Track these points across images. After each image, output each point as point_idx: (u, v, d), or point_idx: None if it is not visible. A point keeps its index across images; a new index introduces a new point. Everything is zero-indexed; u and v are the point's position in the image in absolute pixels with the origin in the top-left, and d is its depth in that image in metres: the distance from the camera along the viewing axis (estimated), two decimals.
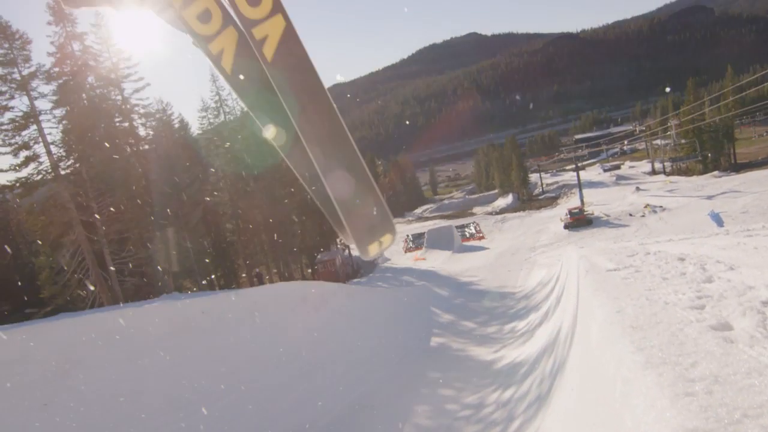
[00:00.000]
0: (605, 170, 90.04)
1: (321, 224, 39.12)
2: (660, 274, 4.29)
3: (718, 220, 29.53)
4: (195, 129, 34.40)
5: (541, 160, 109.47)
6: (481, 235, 49.18)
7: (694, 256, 5.57)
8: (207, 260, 28.51)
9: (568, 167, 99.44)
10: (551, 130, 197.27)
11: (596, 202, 52.37)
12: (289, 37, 2.01)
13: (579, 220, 41.31)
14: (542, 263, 26.89)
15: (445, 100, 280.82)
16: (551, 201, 72.66)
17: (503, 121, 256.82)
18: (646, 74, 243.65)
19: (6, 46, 19.67)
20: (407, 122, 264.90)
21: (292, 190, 35.77)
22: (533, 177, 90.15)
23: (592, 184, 69.51)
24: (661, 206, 40.90)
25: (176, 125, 31.27)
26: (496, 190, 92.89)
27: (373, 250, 2.20)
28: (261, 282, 33.69)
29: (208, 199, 30.05)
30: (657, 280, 3.97)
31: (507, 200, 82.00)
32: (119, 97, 24.55)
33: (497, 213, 70.64)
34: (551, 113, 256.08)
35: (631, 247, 10.09)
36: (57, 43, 21.71)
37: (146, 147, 26.19)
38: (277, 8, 2.00)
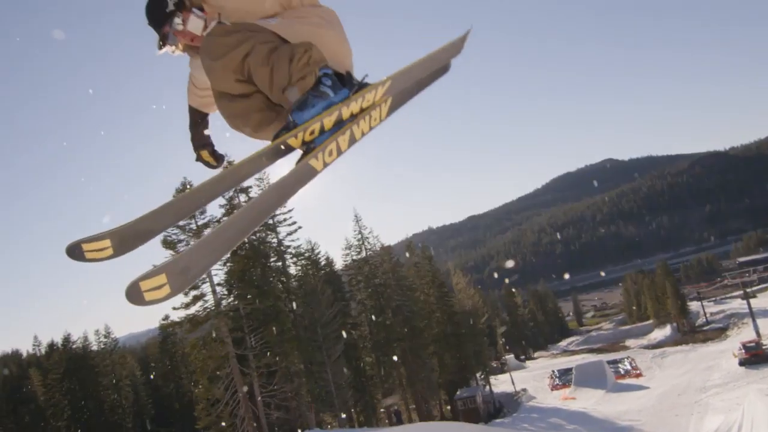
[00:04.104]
0: None
1: (460, 358, 38.14)
2: None
3: None
4: (339, 265, 36.60)
5: (701, 287, 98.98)
6: (638, 372, 44.71)
7: None
8: (348, 394, 28.71)
9: (734, 294, 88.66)
10: (708, 253, 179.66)
11: None
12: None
13: (757, 356, 36.02)
14: (717, 407, 23.65)
15: (584, 226, 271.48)
16: (719, 333, 64.87)
17: (651, 245, 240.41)
18: None
19: None
20: (544, 250, 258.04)
21: (430, 322, 35.78)
22: (693, 305, 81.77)
23: None
24: None
25: (322, 263, 33.65)
26: (651, 321, 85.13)
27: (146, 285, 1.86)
28: (399, 420, 32.89)
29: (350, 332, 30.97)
30: None
31: (664, 332, 74.74)
32: (275, 240, 27.48)
33: (654, 346, 64.31)
34: (706, 235, 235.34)
35: None
36: (227, 196, 25.13)
37: (295, 284, 28.36)
38: None
